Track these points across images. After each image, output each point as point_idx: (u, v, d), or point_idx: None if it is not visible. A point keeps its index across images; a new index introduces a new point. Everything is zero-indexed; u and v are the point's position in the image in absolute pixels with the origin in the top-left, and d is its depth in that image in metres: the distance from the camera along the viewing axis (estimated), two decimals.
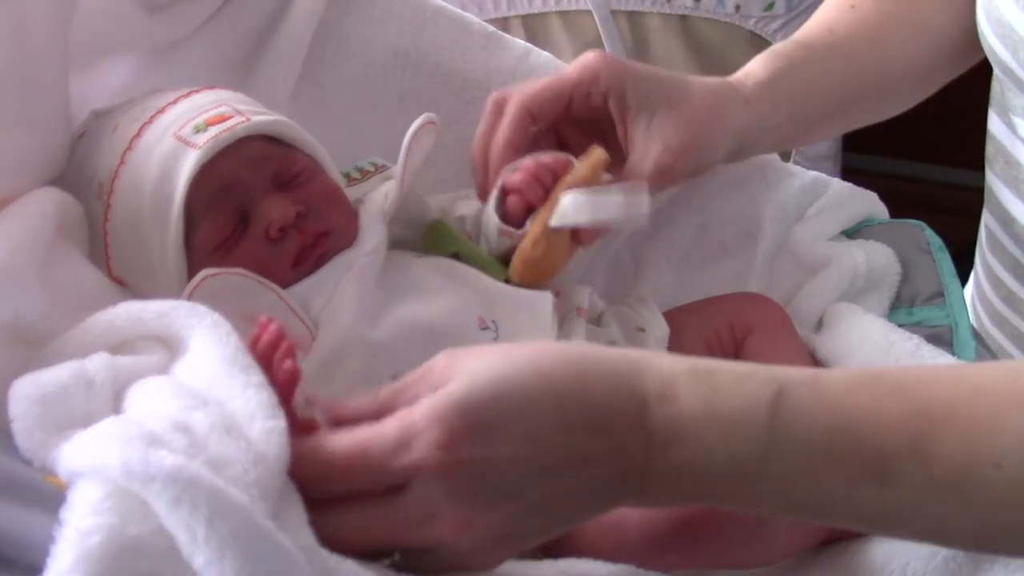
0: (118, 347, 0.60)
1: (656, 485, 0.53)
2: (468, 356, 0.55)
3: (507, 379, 0.53)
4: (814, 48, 0.87)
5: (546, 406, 0.53)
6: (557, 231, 0.74)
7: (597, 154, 0.75)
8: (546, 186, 0.74)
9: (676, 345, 0.79)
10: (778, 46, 0.87)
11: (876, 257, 0.86)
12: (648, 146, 0.77)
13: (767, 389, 0.53)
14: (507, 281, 0.77)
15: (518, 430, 0.52)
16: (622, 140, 0.79)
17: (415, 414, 0.52)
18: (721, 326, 0.80)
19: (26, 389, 0.54)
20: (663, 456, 0.52)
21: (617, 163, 0.78)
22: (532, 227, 0.74)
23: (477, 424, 0.51)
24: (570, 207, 0.73)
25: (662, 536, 0.63)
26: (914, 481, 0.52)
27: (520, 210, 0.75)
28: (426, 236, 0.80)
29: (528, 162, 0.75)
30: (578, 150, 0.77)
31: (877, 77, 0.89)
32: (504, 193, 0.76)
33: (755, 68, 0.84)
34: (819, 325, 0.83)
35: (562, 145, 0.81)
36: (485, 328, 0.72)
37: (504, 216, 0.76)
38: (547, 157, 0.76)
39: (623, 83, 0.78)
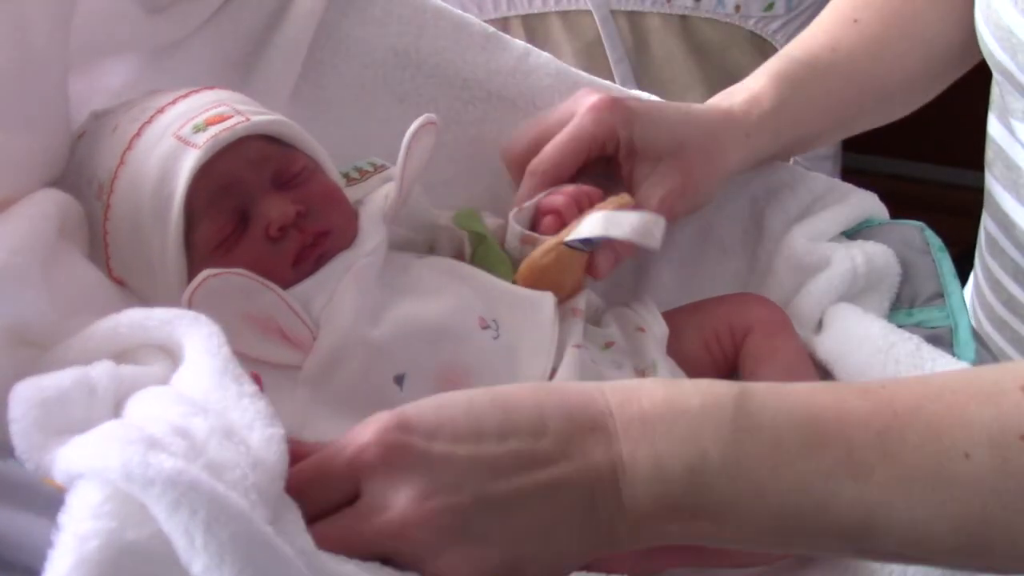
0: (121, 355, 0.60)
1: (631, 490, 0.53)
2: None
3: (451, 394, 0.55)
4: (818, 68, 0.87)
5: (490, 410, 0.54)
6: (572, 248, 0.75)
7: (625, 198, 0.78)
8: (583, 210, 0.77)
9: (675, 345, 0.79)
10: (783, 65, 0.87)
11: (876, 258, 0.86)
12: (651, 191, 0.80)
13: (729, 388, 0.54)
14: (513, 283, 0.77)
15: (460, 429, 0.53)
16: (625, 180, 0.82)
17: (360, 426, 0.54)
18: (721, 326, 0.80)
19: (27, 392, 0.54)
20: (634, 456, 0.52)
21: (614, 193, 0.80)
22: (550, 239, 0.76)
23: (416, 423, 0.53)
24: (586, 222, 0.75)
25: None
26: (887, 475, 0.52)
27: (553, 231, 0.77)
28: (458, 216, 0.81)
29: (570, 188, 0.78)
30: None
31: (877, 93, 0.90)
32: (541, 213, 0.78)
33: (761, 95, 0.84)
34: (819, 326, 0.83)
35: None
36: (486, 327, 0.73)
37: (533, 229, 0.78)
38: (588, 187, 0.79)
39: (631, 131, 0.80)
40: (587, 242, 0.75)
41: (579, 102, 0.82)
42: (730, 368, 0.81)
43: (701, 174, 0.81)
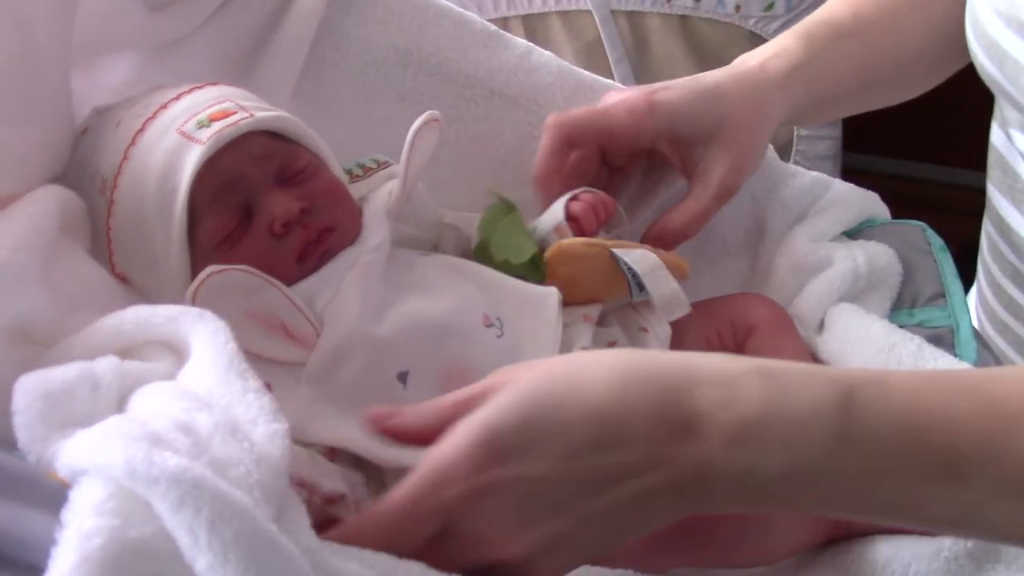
0: (126, 351, 0.59)
1: (721, 491, 0.52)
2: (517, 372, 0.56)
3: (537, 402, 0.53)
4: (841, 30, 0.88)
5: (579, 425, 0.52)
6: (613, 259, 0.76)
7: (683, 262, 0.80)
8: (599, 217, 0.79)
9: (677, 345, 0.78)
10: (807, 27, 0.89)
11: (877, 258, 0.86)
12: (708, 175, 0.81)
13: (833, 389, 0.53)
14: (524, 274, 0.77)
15: (551, 449, 0.52)
16: (680, 171, 0.83)
17: (445, 450, 0.53)
18: (722, 326, 0.80)
19: (31, 384, 0.53)
20: (727, 461, 0.52)
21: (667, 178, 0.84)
22: (597, 236, 0.78)
23: (506, 448, 0.52)
24: (639, 253, 0.76)
25: (661, 535, 0.63)
26: (987, 481, 0.51)
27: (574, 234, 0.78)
28: (489, 187, 0.82)
29: (589, 196, 0.80)
30: (623, 171, 0.85)
31: (894, 61, 0.90)
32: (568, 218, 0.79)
33: (791, 48, 0.85)
34: (821, 326, 0.83)
35: (605, 163, 0.85)
36: (490, 326, 0.72)
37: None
38: (605, 195, 0.81)
39: (673, 126, 0.81)
40: (629, 269, 0.76)
41: (608, 99, 0.83)
42: None
43: (748, 141, 0.82)
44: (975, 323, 0.93)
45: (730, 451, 0.52)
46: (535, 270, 0.77)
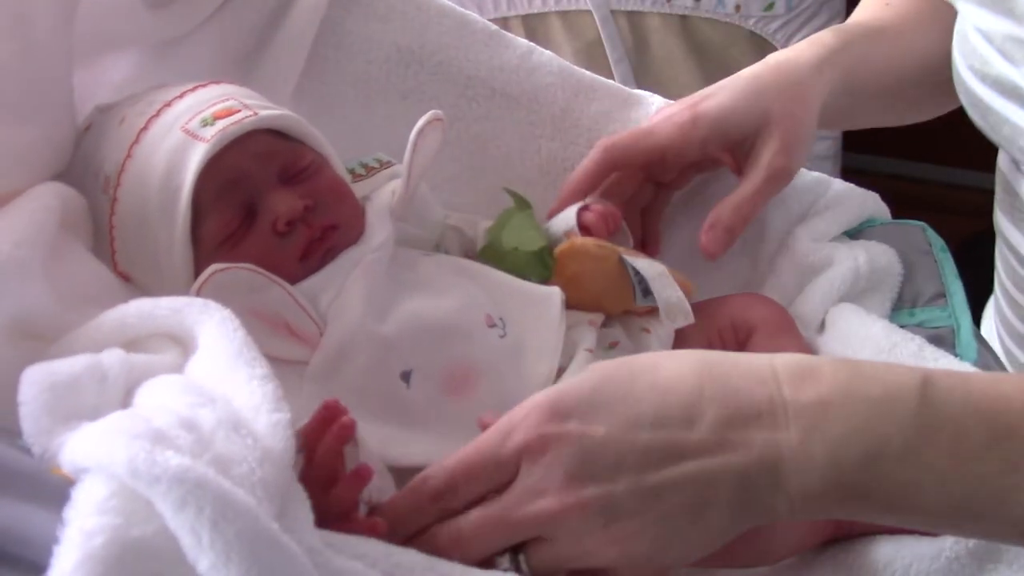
0: (130, 344, 0.59)
1: (791, 482, 0.52)
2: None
3: (610, 376, 0.55)
4: (869, 31, 0.89)
5: (649, 396, 0.54)
6: (622, 263, 0.76)
7: (687, 280, 0.81)
8: (609, 227, 0.80)
9: (680, 345, 0.78)
10: (839, 26, 0.90)
11: (878, 258, 0.86)
12: (760, 157, 0.82)
13: (912, 376, 0.53)
14: (528, 271, 0.77)
15: (616, 414, 0.53)
16: (735, 171, 0.84)
17: (514, 410, 0.56)
18: (724, 326, 0.80)
19: (37, 375, 0.53)
20: (802, 446, 0.52)
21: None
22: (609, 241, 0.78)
23: (571, 407, 0.54)
24: (647, 261, 0.78)
25: None
26: None
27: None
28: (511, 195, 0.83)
29: (599, 206, 0.81)
30: (671, 186, 0.87)
31: (921, 63, 0.91)
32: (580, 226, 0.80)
33: (824, 38, 0.86)
34: (822, 326, 0.83)
35: (651, 180, 0.86)
36: (492, 326, 0.72)
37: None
38: (613, 207, 0.82)
39: (720, 130, 0.82)
40: (636, 273, 0.77)
41: (654, 117, 0.85)
42: None
43: (793, 125, 0.82)
44: (995, 336, 0.94)
45: (807, 435, 0.52)
46: (542, 265, 0.77)
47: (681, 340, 0.78)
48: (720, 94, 0.83)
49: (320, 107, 0.88)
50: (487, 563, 0.55)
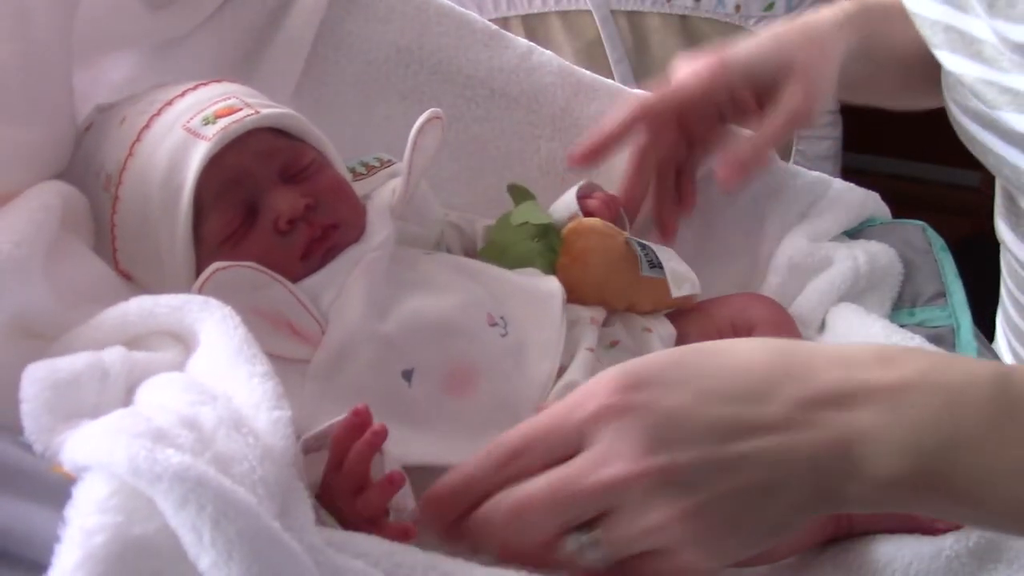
0: (131, 342, 0.59)
1: (865, 467, 0.52)
2: None
3: (685, 353, 0.56)
4: (888, 7, 0.90)
5: (724, 372, 0.54)
6: (628, 245, 0.78)
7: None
8: (612, 213, 0.82)
9: (680, 344, 0.78)
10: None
11: (878, 257, 0.86)
12: (780, 99, 0.83)
13: (986, 366, 0.53)
14: (533, 256, 0.78)
15: (690, 387, 0.54)
16: (755, 112, 0.85)
17: (589, 382, 0.56)
18: (723, 326, 0.80)
19: (39, 373, 0.53)
20: (880, 429, 0.51)
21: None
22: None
23: (645, 378, 0.54)
24: (655, 246, 0.80)
25: None
26: None
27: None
28: (511, 188, 0.84)
29: (601, 193, 0.84)
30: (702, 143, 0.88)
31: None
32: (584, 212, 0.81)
33: (843, 4, 0.88)
34: (822, 326, 0.83)
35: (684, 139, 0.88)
36: (494, 324, 0.72)
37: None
38: (614, 195, 0.85)
39: (748, 72, 0.84)
40: (643, 247, 0.78)
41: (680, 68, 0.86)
42: None
43: (813, 73, 0.84)
44: (1004, 340, 0.94)
45: (885, 417, 0.51)
46: (547, 247, 0.78)
47: (682, 339, 0.79)
48: (744, 43, 0.86)
49: (320, 107, 0.88)
50: (549, 545, 0.54)
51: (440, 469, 0.60)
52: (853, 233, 0.91)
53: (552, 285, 0.76)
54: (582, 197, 0.82)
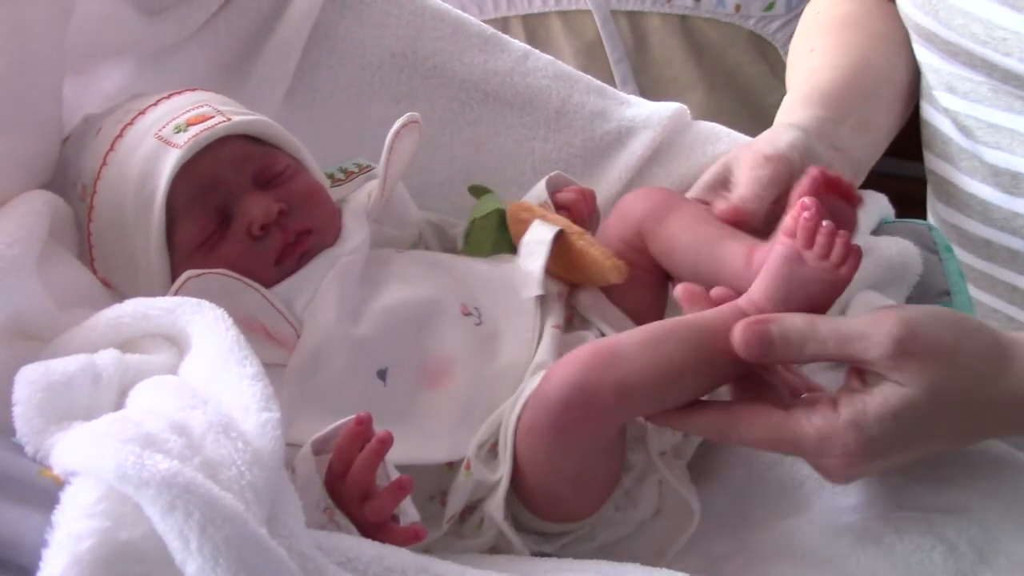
0: (125, 344, 0.60)
1: None
2: (921, 334, 0.61)
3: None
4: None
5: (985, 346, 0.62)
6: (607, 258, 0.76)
7: None
8: (589, 206, 0.82)
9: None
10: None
11: (906, 251, 0.86)
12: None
13: None
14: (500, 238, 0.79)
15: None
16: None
17: (840, 427, 0.60)
18: (616, 236, 0.80)
19: (33, 375, 0.53)
20: None
21: None
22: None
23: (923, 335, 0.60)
24: (540, 230, 0.78)
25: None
26: None
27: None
28: (471, 188, 0.84)
29: (575, 186, 0.83)
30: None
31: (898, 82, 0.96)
32: (556, 207, 0.81)
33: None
34: (845, 307, 0.82)
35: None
36: (468, 314, 0.73)
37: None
38: (588, 188, 0.84)
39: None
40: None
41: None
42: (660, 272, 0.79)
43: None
44: None
45: None
46: (502, 228, 0.79)
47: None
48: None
49: (312, 112, 0.88)
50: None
51: (420, 467, 0.62)
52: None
53: (529, 273, 0.75)
54: (555, 191, 0.81)
